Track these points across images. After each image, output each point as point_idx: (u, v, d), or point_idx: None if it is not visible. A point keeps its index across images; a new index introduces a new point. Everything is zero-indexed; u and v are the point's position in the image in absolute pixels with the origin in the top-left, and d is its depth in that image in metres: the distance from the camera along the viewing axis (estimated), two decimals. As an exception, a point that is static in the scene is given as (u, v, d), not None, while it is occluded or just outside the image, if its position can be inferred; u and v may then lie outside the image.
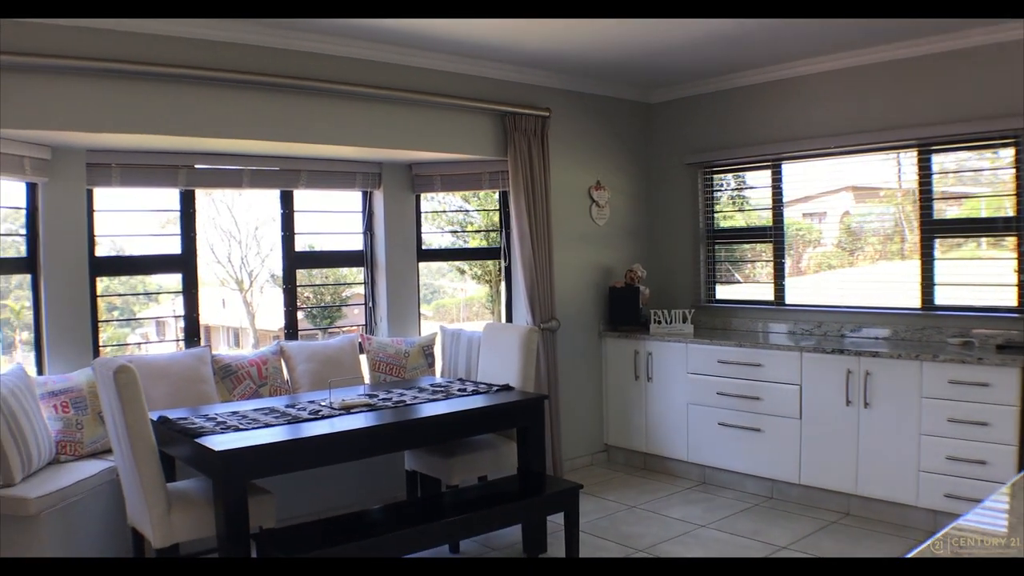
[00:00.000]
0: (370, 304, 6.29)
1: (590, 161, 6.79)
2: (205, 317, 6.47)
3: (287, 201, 5.95)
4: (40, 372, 5.01)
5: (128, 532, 4.52)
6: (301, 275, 6.17)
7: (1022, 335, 5.36)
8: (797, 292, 6.54)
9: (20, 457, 4.35)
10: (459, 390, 5.16)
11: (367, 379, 5.80)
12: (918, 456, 5.21)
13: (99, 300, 5.38)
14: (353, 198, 6.34)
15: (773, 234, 6.58)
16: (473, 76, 6.01)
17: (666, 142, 7.20)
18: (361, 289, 6.39)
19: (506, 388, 5.21)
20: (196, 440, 4.06)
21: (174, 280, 5.67)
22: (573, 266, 6.65)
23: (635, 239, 7.15)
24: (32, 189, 5.04)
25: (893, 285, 5.96)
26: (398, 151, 5.82)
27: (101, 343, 5.40)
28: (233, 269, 9.01)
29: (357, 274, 6.38)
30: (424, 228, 6.51)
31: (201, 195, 5.84)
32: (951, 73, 5.59)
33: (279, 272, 6.06)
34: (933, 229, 5.79)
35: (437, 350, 6.14)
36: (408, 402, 4.83)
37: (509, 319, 6.57)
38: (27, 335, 5.31)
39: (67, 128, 4.68)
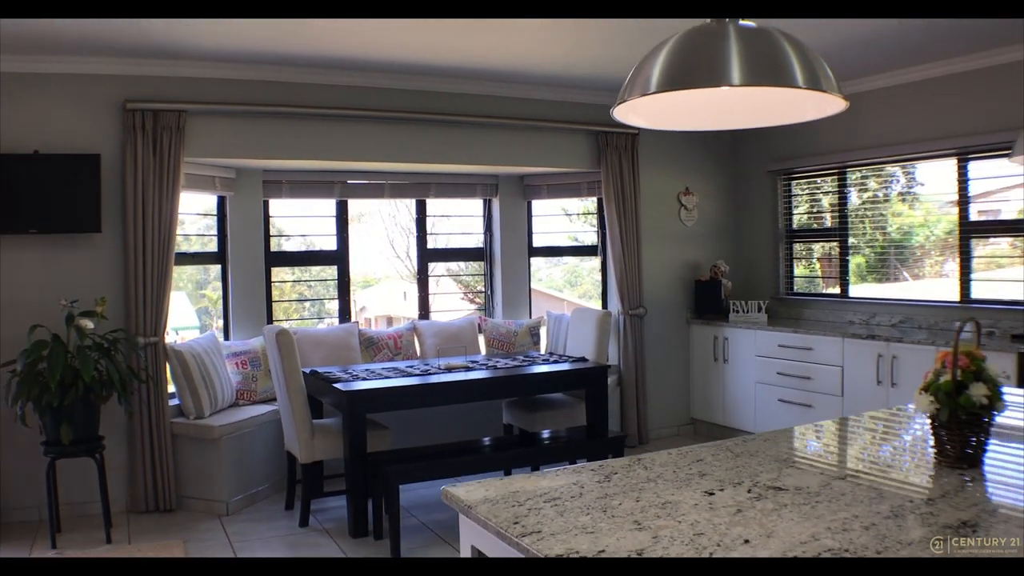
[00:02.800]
0: (488, 292, 7.61)
1: (679, 170, 7.82)
2: (389, 309, 8.06)
3: (421, 208, 7.38)
4: (227, 338, 6.68)
5: (284, 454, 6.08)
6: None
7: (1046, 327, 5.95)
8: (861, 287, 7.34)
9: (209, 398, 6.05)
10: (543, 360, 6.38)
11: (483, 352, 7.12)
12: (935, 431, 5.92)
13: (273, 285, 7.01)
14: (476, 205, 7.71)
15: (839, 234, 7.35)
16: (571, 103, 7.22)
17: (751, 152, 8.07)
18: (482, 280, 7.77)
19: (581, 360, 6.38)
20: (332, 385, 5.58)
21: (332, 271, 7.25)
22: (662, 262, 7.70)
23: (721, 238, 8.10)
24: (222, 200, 6.70)
25: (940, 280, 6.64)
26: (509, 167, 7.14)
27: (275, 318, 7.02)
28: (411, 264, 10.61)
29: (479, 267, 7.75)
30: (536, 228, 7.79)
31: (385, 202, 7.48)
32: (983, 88, 6.20)
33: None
34: (970, 230, 6.41)
35: (544, 330, 7.40)
36: (498, 366, 6.12)
37: (604, 306, 7.70)
38: (220, 322, 6.98)
39: (245, 156, 6.35)
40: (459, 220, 7.76)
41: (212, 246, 6.76)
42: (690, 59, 2.18)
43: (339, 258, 7.11)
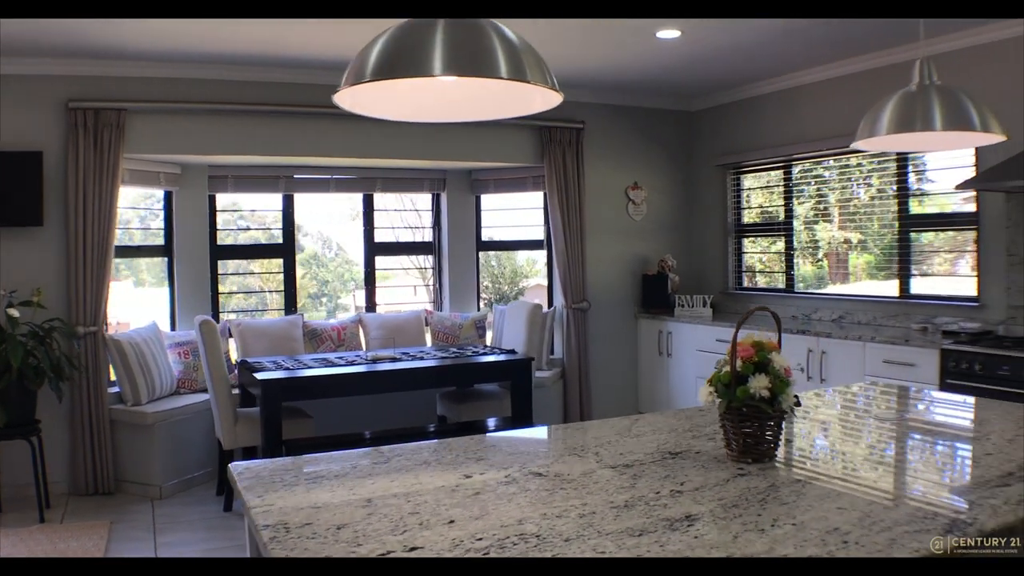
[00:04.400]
0: (436, 285, 7.60)
1: (627, 164, 7.71)
2: (397, 304, 8.09)
3: (368, 202, 7.38)
4: (173, 328, 6.73)
5: (215, 440, 6.13)
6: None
7: (978, 323, 5.77)
8: (804, 280, 7.17)
9: (146, 385, 6.13)
10: (473, 352, 6.34)
11: (428, 344, 7.11)
12: (861, 427, 5.78)
13: (219, 277, 7.06)
14: (427, 198, 7.69)
15: (783, 228, 7.20)
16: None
17: (703, 146, 7.94)
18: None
19: (511, 352, 6.33)
20: (253, 373, 5.64)
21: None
22: (609, 256, 7.60)
23: (671, 232, 7.97)
24: (168, 195, 6.75)
25: (878, 276, 6.48)
26: (454, 162, 7.11)
27: (222, 309, 7.07)
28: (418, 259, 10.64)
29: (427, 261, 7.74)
30: (498, 222, 7.76)
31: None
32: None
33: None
34: (909, 224, 6.25)
35: (490, 323, 7.37)
36: (424, 358, 6.09)
37: (551, 300, 7.63)
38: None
39: (188, 153, 6.41)
40: (409, 214, 7.76)
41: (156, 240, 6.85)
42: (397, 49, 2.16)
43: (286, 251, 7.13)
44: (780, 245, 7.30)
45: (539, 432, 3.08)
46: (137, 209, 6.95)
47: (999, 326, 5.63)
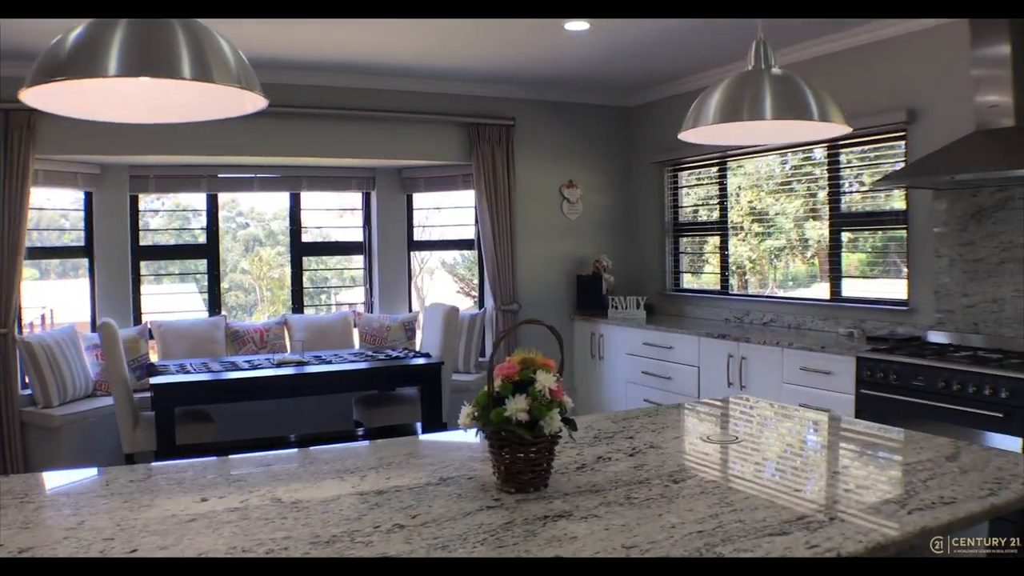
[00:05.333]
0: (367, 286, 7.32)
1: (562, 162, 7.38)
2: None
3: (296, 201, 7.12)
4: (93, 329, 6.51)
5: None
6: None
7: (907, 327, 5.43)
8: (738, 281, 6.82)
9: (57, 388, 5.94)
10: (385, 356, 6.07)
11: (356, 347, 6.85)
12: (781, 436, 5.46)
13: (142, 278, 6.83)
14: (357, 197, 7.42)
15: (719, 228, 6.87)
16: (443, 94, 6.85)
17: (640, 142, 7.57)
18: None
19: (425, 356, 6.06)
20: (150, 377, 5.43)
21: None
22: (543, 256, 7.29)
23: (609, 232, 7.63)
24: (89, 196, 6.53)
25: (807, 277, 6.14)
26: (381, 160, 6.84)
27: (144, 310, 6.84)
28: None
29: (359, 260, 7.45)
30: (420, 221, 7.48)
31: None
32: (849, 71, 5.71)
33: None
34: (841, 222, 5.90)
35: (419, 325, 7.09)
36: (333, 362, 5.83)
37: (481, 301, 7.32)
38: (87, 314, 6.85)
39: (106, 153, 6.16)
40: (340, 213, 7.49)
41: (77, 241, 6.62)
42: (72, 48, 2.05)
43: (209, 251, 6.88)
44: (715, 245, 6.95)
45: (362, 446, 2.84)
46: (67, 210, 6.73)
47: (928, 331, 5.29)
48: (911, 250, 5.43)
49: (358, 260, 7.40)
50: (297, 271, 7.12)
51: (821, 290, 6.03)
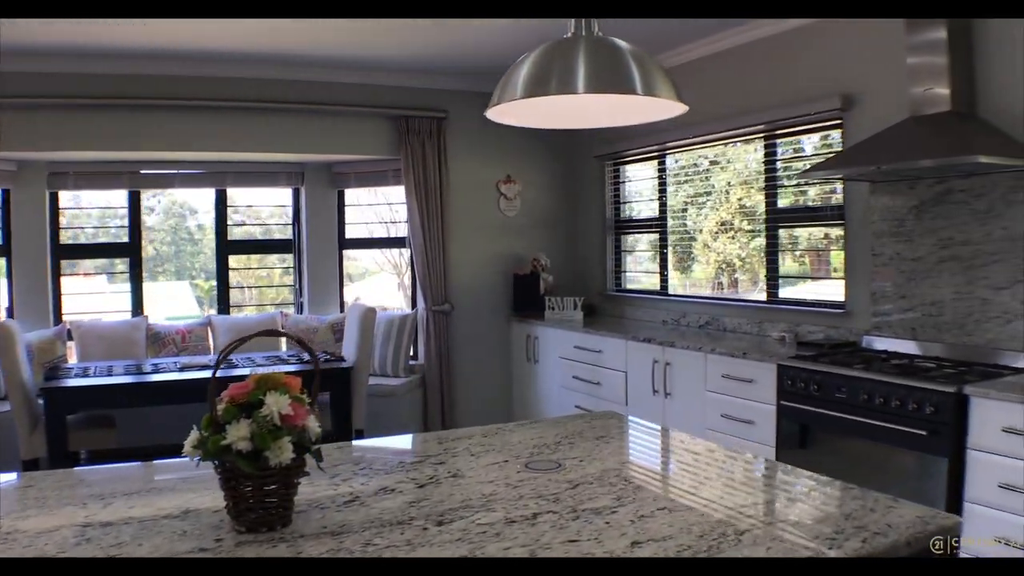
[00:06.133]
0: (296, 286, 6.77)
1: (499, 157, 6.77)
2: (382, 300, 7.36)
3: (222, 198, 6.59)
4: (12, 330, 6.04)
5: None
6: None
7: (843, 331, 4.80)
8: (677, 282, 6.19)
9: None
10: (296, 359, 5.53)
11: (283, 349, 6.31)
12: (705, 450, 4.84)
13: (61, 278, 6.33)
14: (285, 194, 6.87)
15: (658, 225, 6.24)
16: (371, 85, 6.28)
17: (584, 136, 6.91)
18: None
19: (338, 360, 5.51)
20: (46, 380, 5.01)
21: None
22: (479, 255, 6.70)
23: (550, 229, 7.02)
24: (6, 193, 6.04)
25: (747, 276, 5.51)
26: (308, 155, 6.30)
27: (66, 311, 6.34)
28: (393, 255, 9.84)
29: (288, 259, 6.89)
30: (352, 219, 6.92)
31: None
32: (781, 57, 5.11)
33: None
34: (776, 220, 5.27)
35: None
36: (240, 366, 5.32)
37: (413, 301, 6.74)
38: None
39: (21, 149, 5.68)
40: (268, 210, 6.94)
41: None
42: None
43: (132, 250, 6.37)
44: (654, 243, 6.32)
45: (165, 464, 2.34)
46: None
47: (864, 337, 4.66)
48: (848, 248, 4.81)
49: (288, 259, 6.85)
50: (223, 270, 6.59)
51: (760, 291, 5.40)
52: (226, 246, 6.61)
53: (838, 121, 4.79)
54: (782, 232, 5.27)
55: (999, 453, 3.42)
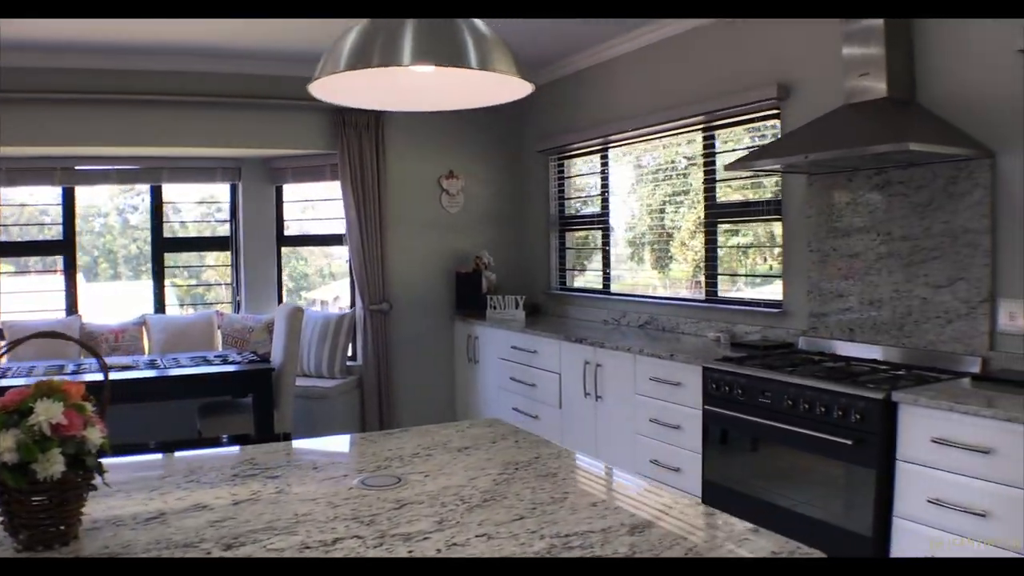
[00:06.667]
0: (233, 284, 6.38)
1: (441, 151, 6.36)
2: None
3: (157, 194, 6.20)
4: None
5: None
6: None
7: (780, 331, 4.41)
8: (621, 281, 5.77)
9: None
10: (223, 360, 5.16)
11: (220, 348, 5.94)
12: (634, 458, 4.45)
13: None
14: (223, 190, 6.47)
15: (600, 221, 5.83)
16: (307, 78, 5.84)
17: (530, 129, 6.53)
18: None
19: (263, 361, 5.13)
20: None
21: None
22: (419, 252, 6.28)
23: (495, 226, 6.60)
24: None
25: (680, 274, 5.12)
26: (244, 149, 5.90)
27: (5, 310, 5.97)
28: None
29: (226, 257, 6.49)
30: (293, 216, 6.53)
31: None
32: (718, 45, 4.72)
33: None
34: (716, 214, 4.87)
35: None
36: (163, 367, 4.95)
37: (353, 300, 6.31)
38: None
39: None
40: (207, 207, 6.53)
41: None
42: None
43: (66, 248, 5.98)
44: (597, 241, 5.93)
45: None
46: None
47: (800, 337, 4.27)
48: (785, 245, 4.41)
49: (226, 256, 6.46)
50: (158, 268, 6.20)
51: (699, 289, 5.00)
52: (162, 243, 6.22)
53: (775, 111, 4.40)
54: (721, 228, 4.89)
55: (929, 465, 3.04)
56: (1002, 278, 3.48)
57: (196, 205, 6.54)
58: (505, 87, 2.20)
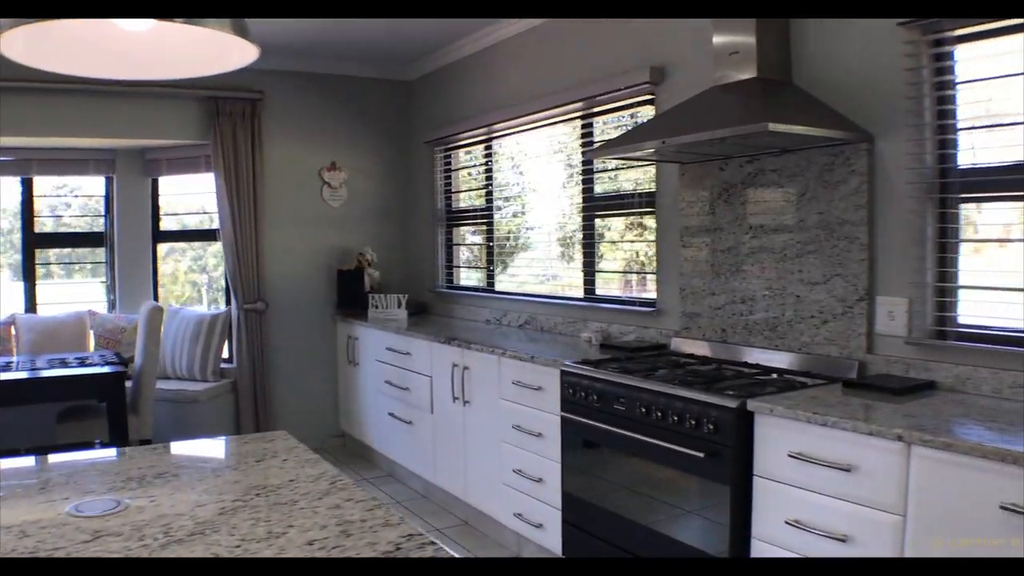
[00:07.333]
0: (108, 282, 5.74)
1: (323, 142, 5.75)
2: None
3: (27, 187, 5.54)
4: None
5: None
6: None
7: (654, 332, 3.91)
8: (506, 278, 5.23)
9: None
10: (81, 362, 4.56)
11: (92, 349, 5.31)
12: (500, 467, 3.93)
13: None
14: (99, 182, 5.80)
15: (484, 216, 5.30)
16: (180, 62, 5.27)
17: (417, 120, 5.95)
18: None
19: (117, 363, 4.54)
20: None
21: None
22: (299, 249, 5.67)
23: (381, 221, 6.00)
24: None
25: (568, 273, 4.61)
26: (114, 139, 5.27)
27: None
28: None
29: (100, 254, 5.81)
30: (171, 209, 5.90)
31: None
32: (589, 28, 4.21)
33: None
34: (594, 207, 4.37)
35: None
36: (16, 369, 4.36)
37: (228, 299, 5.68)
38: None
39: None
40: (81, 200, 5.86)
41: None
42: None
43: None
44: (482, 236, 5.39)
45: None
46: None
47: (672, 338, 3.77)
48: (659, 239, 3.92)
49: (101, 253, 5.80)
50: (30, 264, 5.54)
51: (578, 287, 4.49)
52: (33, 239, 5.56)
53: (650, 96, 3.90)
54: (599, 223, 4.38)
55: (787, 482, 2.56)
56: (881, 274, 3.01)
57: (73, 199, 5.88)
58: (230, 53, 1.80)
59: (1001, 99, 2.74)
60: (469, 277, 5.62)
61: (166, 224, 5.85)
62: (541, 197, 4.81)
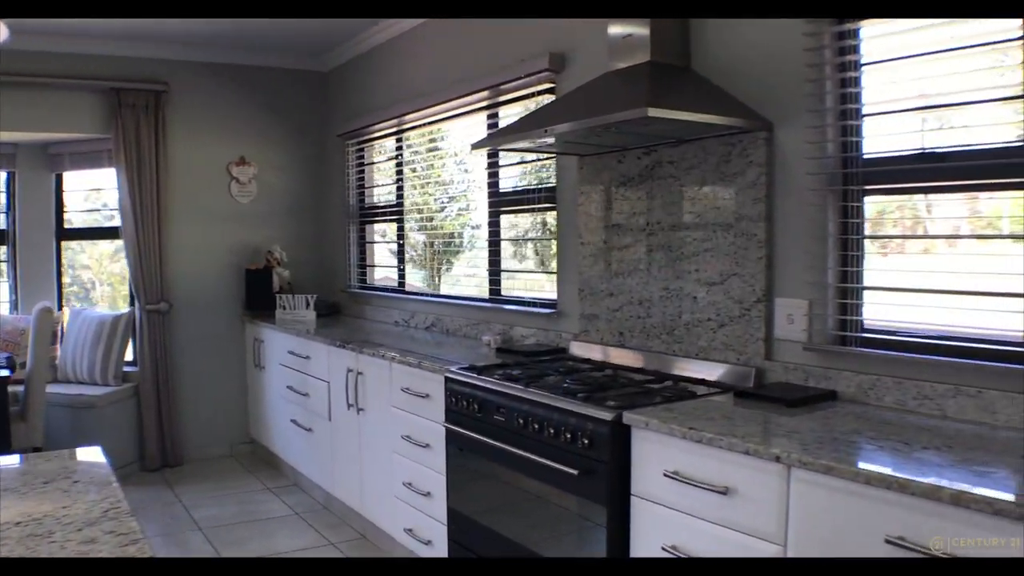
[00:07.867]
0: (10, 281, 5.27)
1: (232, 136, 5.31)
2: None
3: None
4: None
5: None
6: None
7: (554, 335, 3.55)
8: (415, 277, 4.86)
9: None
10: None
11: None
12: (391, 479, 3.55)
13: None
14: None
15: (395, 212, 4.91)
16: (81, 54, 4.81)
17: (332, 113, 5.53)
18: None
19: (12, 367, 4.12)
20: None
21: None
22: (205, 247, 5.22)
23: (293, 218, 5.55)
24: None
25: (472, 272, 4.23)
26: (12, 133, 4.80)
27: None
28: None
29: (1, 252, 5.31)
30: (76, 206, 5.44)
31: None
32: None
33: None
34: (499, 203, 4.00)
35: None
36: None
37: (132, 299, 5.22)
38: None
39: None
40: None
41: None
42: None
43: None
44: (393, 234, 4.98)
45: None
46: None
47: (572, 342, 3.41)
48: (559, 237, 3.55)
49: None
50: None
51: (483, 288, 4.11)
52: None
53: (551, 85, 3.53)
54: (504, 220, 4.01)
55: (665, 504, 2.20)
56: (779, 273, 2.66)
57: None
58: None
59: (910, 79, 2.40)
60: (386, 277, 5.21)
61: (73, 221, 5.40)
62: (452, 192, 4.42)
